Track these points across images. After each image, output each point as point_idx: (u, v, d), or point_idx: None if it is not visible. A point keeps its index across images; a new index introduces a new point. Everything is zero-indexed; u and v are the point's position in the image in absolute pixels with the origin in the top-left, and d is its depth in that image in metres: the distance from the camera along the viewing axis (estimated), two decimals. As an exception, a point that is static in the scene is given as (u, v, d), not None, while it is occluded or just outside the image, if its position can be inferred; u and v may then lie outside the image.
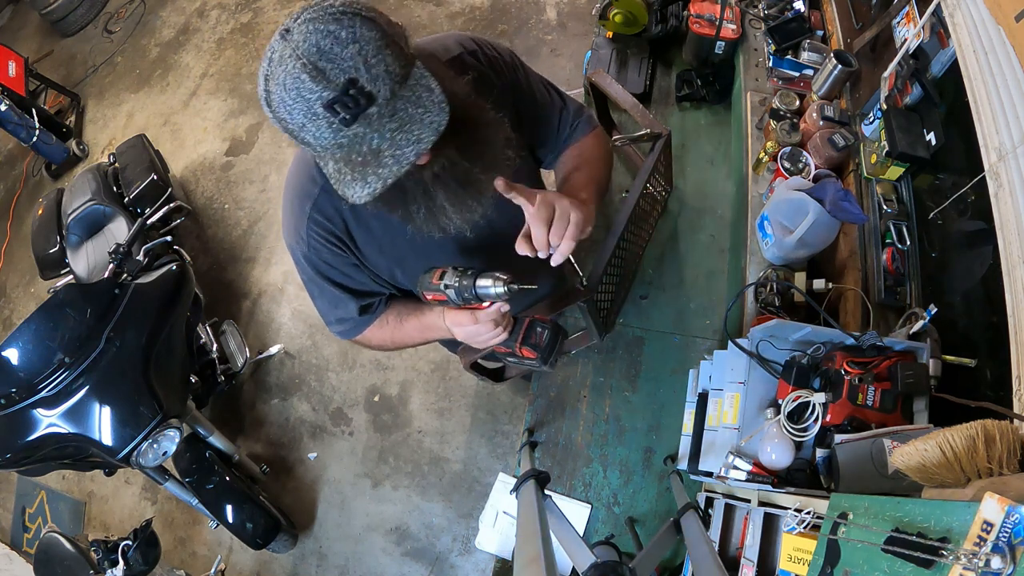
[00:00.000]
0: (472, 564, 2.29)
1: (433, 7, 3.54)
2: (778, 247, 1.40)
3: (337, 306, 1.08)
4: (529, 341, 0.97)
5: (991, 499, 0.50)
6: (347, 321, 1.10)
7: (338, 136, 0.69)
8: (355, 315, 1.08)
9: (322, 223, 0.96)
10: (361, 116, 0.68)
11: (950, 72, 1.22)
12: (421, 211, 0.87)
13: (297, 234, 0.98)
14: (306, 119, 0.69)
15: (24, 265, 3.50)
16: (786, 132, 1.54)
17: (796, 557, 0.86)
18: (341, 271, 1.02)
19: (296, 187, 0.97)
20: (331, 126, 0.69)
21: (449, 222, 0.90)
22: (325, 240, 0.98)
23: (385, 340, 1.13)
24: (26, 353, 1.82)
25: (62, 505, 2.85)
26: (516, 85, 1.04)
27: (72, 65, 4.33)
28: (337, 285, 1.04)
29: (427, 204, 0.87)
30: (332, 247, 0.99)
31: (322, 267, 1.01)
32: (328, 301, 1.08)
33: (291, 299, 2.93)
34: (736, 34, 1.80)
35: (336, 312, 1.09)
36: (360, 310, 1.08)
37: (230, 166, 3.43)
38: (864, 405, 0.99)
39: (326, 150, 0.72)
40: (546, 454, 1.55)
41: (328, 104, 0.67)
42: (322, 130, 0.69)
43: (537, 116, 1.08)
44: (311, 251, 0.99)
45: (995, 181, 0.98)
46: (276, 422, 2.69)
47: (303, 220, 0.96)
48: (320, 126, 0.69)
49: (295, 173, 0.98)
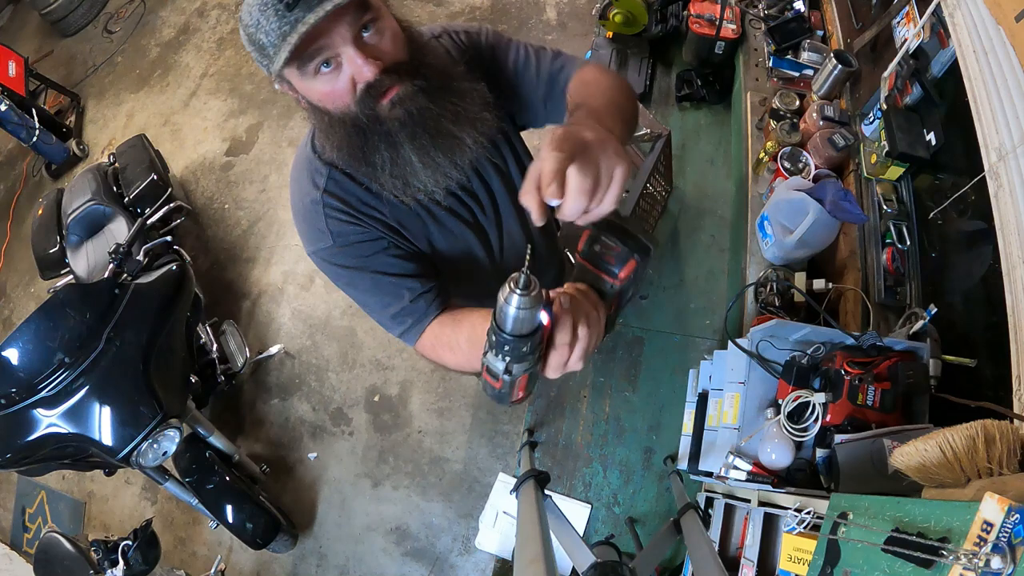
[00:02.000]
0: (472, 564, 2.29)
1: (433, 7, 3.54)
2: (778, 247, 1.40)
3: (386, 298, 0.95)
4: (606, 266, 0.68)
5: (991, 499, 0.50)
6: (403, 316, 0.96)
7: (282, 23, 0.72)
8: (407, 303, 0.94)
9: (337, 205, 0.91)
10: (302, 1, 0.71)
11: (950, 72, 1.22)
12: (386, 165, 0.85)
13: (319, 232, 0.93)
14: (260, 13, 0.73)
15: (24, 265, 3.50)
16: (786, 132, 1.54)
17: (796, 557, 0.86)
18: (376, 251, 0.93)
19: (301, 197, 0.95)
20: (277, 12, 0.72)
21: (417, 181, 0.87)
22: (348, 217, 0.92)
23: (456, 343, 0.92)
24: (26, 353, 1.82)
25: (62, 505, 2.85)
26: (492, 55, 1.00)
27: (72, 65, 4.33)
28: (378, 273, 0.94)
29: (392, 154, 0.85)
30: (356, 223, 0.92)
31: (355, 253, 0.93)
32: (374, 295, 0.96)
33: (291, 299, 2.93)
34: (736, 34, 1.80)
35: (389, 308, 0.96)
36: (412, 297, 0.94)
37: (230, 166, 3.43)
38: (864, 405, 0.99)
39: (274, 46, 0.74)
40: (546, 454, 1.55)
41: None
42: (271, 20, 0.73)
43: (515, 72, 1.01)
44: (339, 239, 0.92)
45: (995, 181, 0.98)
46: (276, 422, 2.69)
47: (319, 215, 0.92)
48: (269, 16, 0.73)
49: (296, 192, 0.96)
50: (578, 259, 0.69)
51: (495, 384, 0.66)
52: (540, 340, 0.61)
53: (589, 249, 0.67)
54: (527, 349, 0.60)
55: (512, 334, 0.58)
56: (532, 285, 0.56)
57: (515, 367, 0.62)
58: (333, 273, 0.97)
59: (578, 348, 0.64)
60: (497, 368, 0.62)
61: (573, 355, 0.64)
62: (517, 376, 0.63)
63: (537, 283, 0.56)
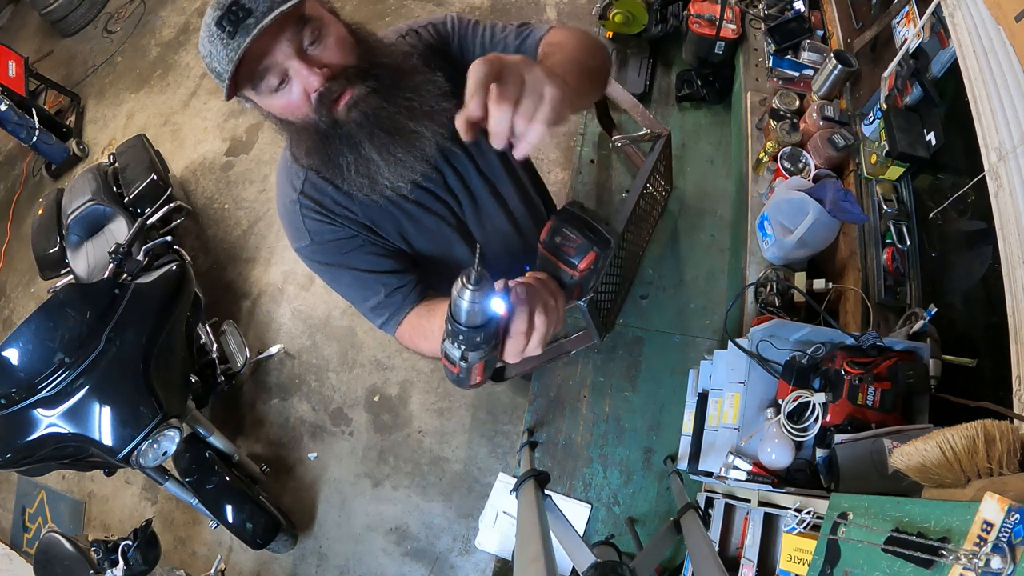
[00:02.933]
0: (472, 564, 2.29)
1: (433, 7, 3.54)
2: (778, 247, 1.40)
3: (365, 292, 1.01)
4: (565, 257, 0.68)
5: (991, 499, 0.50)
6: (381, 309, 1.02)
7: (228, 51, 0.76)
8: (383, 297, 1.01)
9: (312, 205, 0.97)
10: (241, 27, 0.75)
11: (950, 72, 1.22)
12: (351, 166, 0.89)
13: (298, 231, 0.98)
14: (211, 44, 0.78)
15: (24, 265, 3.50)
16: (786, 132, 1.54)
17: (796, 557, 0.86)
18: (352, 248, 0.99)
19: (282, 198, 1.00)
20: (223, 41, 0.76)
21: (383, 178, 0.90)
22: (322, 217, 0.97)
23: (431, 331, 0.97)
24: (26, 353, 1.82)
25: (62, 505, 2.85)
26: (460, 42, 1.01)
27: (72, 65, 4.33)
28: (356, 269, 1.00)
29: (354, 155, 0.88)
30: (331, 223, 0.97)
31: (332, 250, 0.99)
32: (355, 289, 1.02)
33: (291, 299, 2.93)
34: (736, 34, 1.80)
35: (367, 301, 1.02)
36: (388, 292, 1.01)
37: (230, 166, 3.43)
38: (864, 405, 0.99)
39: (228, 72, 0.78)
40: (546, 454, 1.55)
41: (217, 21, 0.76)
42: (219, 49, 0.77)
43: (484, 51, 1.00)
44: (315, 237, 0.98)
45: (995, 181, 0.98)
46: (276, 422, 2.69)
47: (297, 215, 0.97)
48: (217, 46, 0.77)
49: (280, 194, 1.02)
50: (540, 249, 0.71)
51: (453, 369, 0.69)
52: (495, 330, 0.64)
53: (551, 239, 0.69)
54: (480, 339, 0.63)
55: (466, 325, 0.62)
56: (483, 281, 0.59)
57: (470, 355, 0.65)
58: (316, 269, 1.03)
59: (535, 336, 0.66)
60: (454, 355, 0.66)
61: (531, 343, 0.67)
62: (473, 363, 0.66)
63: (488, 279, 0.59)
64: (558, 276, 0.71)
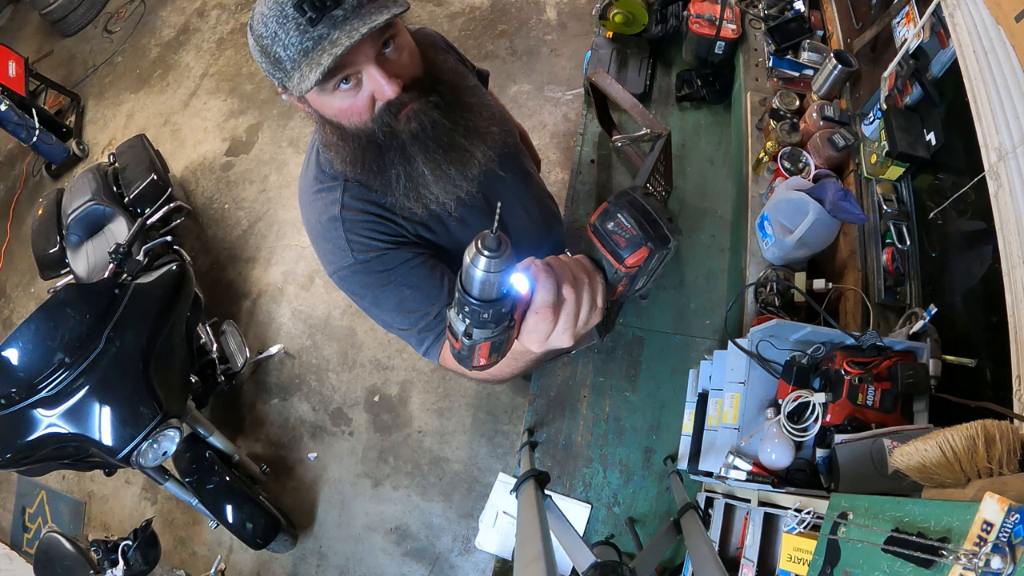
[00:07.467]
0: (472, 564, 2.29)
1: (433, 7, 3.54)
2: (778, 247, 1.40)
3: (411, 316, 0.93)
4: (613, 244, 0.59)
5: (991, 499, 0.50)
6: (426, 332, 0.94)
7: (304, 39, 0.71)
8: (431, 319, 0.93)
9: (355, 218, 0.90)
10: (326, 16, 0.70)
11: (950, 72, 1.22)
12: (400, 177, 0.86)
13: (339, 251, 0.91)
14: (278, 25, 0.71)
15: (24, 265, 3.50)
16: (786, 132, 1.54)
17: (796, 557, 0.86)
18: (401, 261, 0.91)
19: (318, 217, 0.93)
20: (299, 27, 0.71)
21: (430, 194, 0.87)
22: (367, 228, 0.90)
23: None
24: (26, 353, 1.82)
25: (62, 505, 2.85)
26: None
27: (72, 65, 4.33)
28: (402, 286, 0.91)
29: (406, 169, 0.85)
30: (377, 238, 0.90)
31: (378, 266, 0.90)
32: (399, 313, 0.93)
33: (291, 299, 2.93)
34: (736, 34, 1.80)
35: (417, 324, 0.94)
36: (438, 312, 0.92)
37: (230, 166, 3.43)
38: (864, 405, 0.99)
39: (294, 61, 0.73)
40: (546, 454, 1.55)
41: (297, 3, 0.69)
42: (290, 34, 0.71)
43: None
44: (359, 254, 0.90)
45: (995, 181, 0.98)
46: (276, 422, 2.69)
47: (338, 230, 0.90)
48: (289, 29, 0.71)
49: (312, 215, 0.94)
50: (587, 232, 0.61)
51: (455, 344, 0.60)
52: (510, 310, 0.54)
53: (601, 223, 0.59)
54: (488, 316, 0.53)
55: (476, 298, 0.52)
56: (501, 247, 0.49)
57: (475, 331, 0.55)
58: (357, 293, 0.94)
59: (563, 315, 0.55)
60: (457, 328, 0.56)
61: (558, 323, 0.56)
62: (477, 342, 0.57)
63: (508, 246, 0.50)
64: (601, 267, 0.61)
